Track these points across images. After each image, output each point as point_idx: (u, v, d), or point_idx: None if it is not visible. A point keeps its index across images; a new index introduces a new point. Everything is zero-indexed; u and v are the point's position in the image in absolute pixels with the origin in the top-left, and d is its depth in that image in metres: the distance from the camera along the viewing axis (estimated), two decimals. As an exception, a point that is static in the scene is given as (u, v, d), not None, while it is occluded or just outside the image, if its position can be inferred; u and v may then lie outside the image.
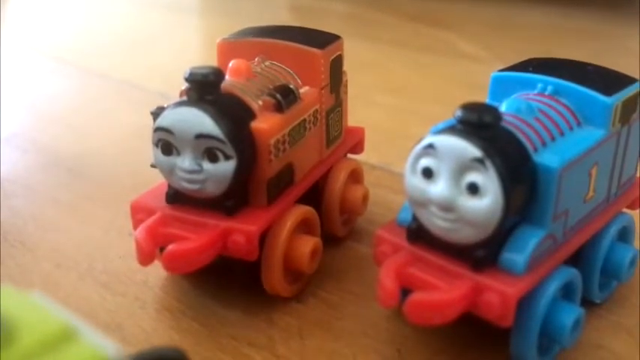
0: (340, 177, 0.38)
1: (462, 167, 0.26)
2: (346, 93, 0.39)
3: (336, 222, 0.39)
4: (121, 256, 0.38)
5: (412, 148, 0.28)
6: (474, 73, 0.73)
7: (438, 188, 0.27)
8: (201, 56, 0.85)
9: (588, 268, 0.33)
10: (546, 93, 0.32)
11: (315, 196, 0.38)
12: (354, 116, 0.42)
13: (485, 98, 0.66)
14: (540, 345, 0.29)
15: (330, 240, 0.39)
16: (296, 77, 0.36)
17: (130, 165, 0.50)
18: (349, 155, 0.41)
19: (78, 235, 0.41)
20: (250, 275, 0.35)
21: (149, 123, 0.56)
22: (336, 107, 0.38)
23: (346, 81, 0.39)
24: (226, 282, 0.36)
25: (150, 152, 0.50)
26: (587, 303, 0.33)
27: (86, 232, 0.41)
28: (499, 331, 0.30)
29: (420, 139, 0.28)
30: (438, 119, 0.58)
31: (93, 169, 0.49)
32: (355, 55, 0.39)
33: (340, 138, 0.39)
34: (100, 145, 0.53)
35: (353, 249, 0.40)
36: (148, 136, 0.53)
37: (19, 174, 0.49)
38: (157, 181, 0.35)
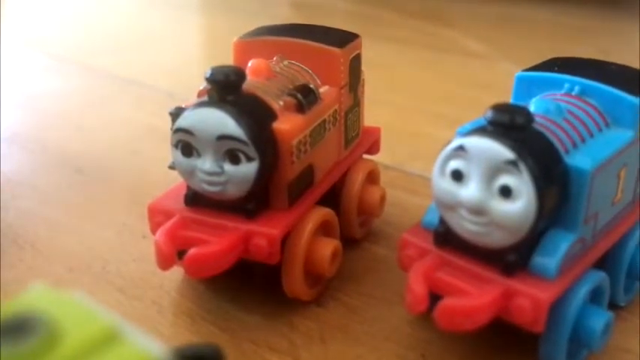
0: (358, 178, 0.38)
1: (494, 170, 0.26)
2: (363, 93, 0.39)
3: (354, 224, 0.38)
4: (135, 259, 0.38)
5: (440, 150, 0.28)
6: (480, 70, 0.72)
7: (469, 191, 0.26)
8: (205, 54, 0.84)
9: (614, 270, 0.32)
10: (573, 93, 0.31)
11: (332, 197, 0.37)
12: (365, 116, 0.41)
13: (491, 95, 0.65)
14: (569, 350, 0.29)
15: (347, 242, 0.38)
16: (315, 77, 0.35)
17: (138, 165, 0.49)
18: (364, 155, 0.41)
19: (90, 238, 0.40)
20: (267, 278, 0.35)
21: (156, 122, 0.56)
22: (355, 107, 0.37)
23: (363, 80, 0.39)
24: (243, 285, 0.35)
25: (159, 152, 0.50)
26: (610, 306, 0.32)
27: (98, 235, 0.40)
28: (525, 336, 0.29)
29: (448, 141, 0.28)
30: (446, 117, 0.58)
31: (101, 170, 0.49)
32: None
33: (358, 138, 0.39)
34: (108, 145, 0.53)
35: (370, 251, 0.39)
36: (156, 136, 0.53)
37: (26, 175, 0.48)
38: (167, 181, 0.34)
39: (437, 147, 0.28)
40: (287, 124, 0.31)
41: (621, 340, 0.32)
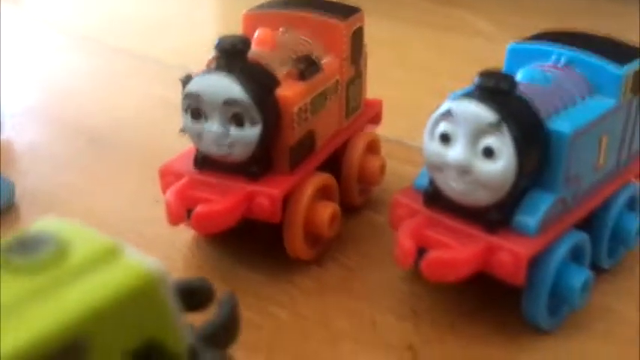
0: (359, 147, 0.40)
1: (478, 131, 0.28)
2: (366, 66, 0.41)
3: (354, 191, 0.40)
4: (147, 219, 0.40)
5: (429, 117, 0.30)
6: (488, 49, 0.73)
7: (455, 152, 0.28)
8: (219, 32, 0.86)
9: (598, 234, 0.34)
10: (560, 64, 0.33)
11: (333, 165, 0.39)
12: (371, 92, 0.43)
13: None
14: (551, 306, 0.31)
15: (348, 209, 0.40)
16: (318, 48, 0.37)
17: (151, 135, 0.51)
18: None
19: (105, 201, 0.42)
20: (270, 240, 0.37)
21: (170, 95, 0.58)
22: (356, 78, 0.39)
23: (366, 54, 0.40)
24: (248, 246, 0.38)
25: (171, 123, 0.52)
26: (596, 269, 0.34)
27: (113, 198, 0.43)
28: (511, 293, 0.31)
29: (437, 108, 0.30)
30: (449, 93, 0.60)
31: (115, 139, 0.51)
32: (371, 31, 0.41)
33: (359, 109, 0.41)
34: (122, 117, 0.55)
35: (369, 217, 0.41)
36: (169, 108, 0.55)
37: (44, 144, 0.50)
38: (178, 149, 0.36)
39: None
40: (289, 91, 0.33)
41: (605, 300, 0.34)
